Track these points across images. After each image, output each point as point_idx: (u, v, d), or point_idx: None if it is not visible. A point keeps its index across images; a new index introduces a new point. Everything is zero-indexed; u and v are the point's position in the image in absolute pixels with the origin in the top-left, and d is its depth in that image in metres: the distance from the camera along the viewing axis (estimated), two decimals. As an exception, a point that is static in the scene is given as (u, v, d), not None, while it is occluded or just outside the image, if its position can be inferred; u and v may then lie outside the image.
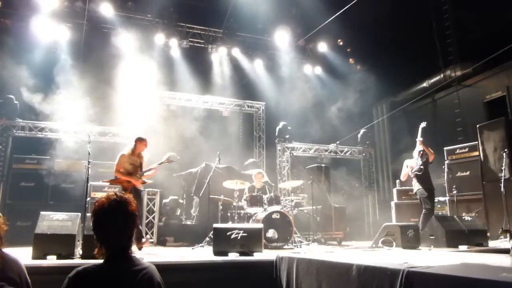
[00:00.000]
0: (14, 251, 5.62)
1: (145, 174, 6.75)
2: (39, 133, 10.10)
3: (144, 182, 6.75)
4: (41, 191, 9.59)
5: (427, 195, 7.27)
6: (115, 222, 2.01)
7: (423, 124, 7.57)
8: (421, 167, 7.36)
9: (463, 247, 6.06)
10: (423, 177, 7.38)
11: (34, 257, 4.69)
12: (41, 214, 5.19)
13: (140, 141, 6.78)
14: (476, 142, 9.05)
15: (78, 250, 5.00)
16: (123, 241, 2.04)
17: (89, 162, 6.26)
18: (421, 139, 7.43)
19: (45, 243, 4.80)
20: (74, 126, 10.19)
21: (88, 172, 6.17)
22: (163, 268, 4.28)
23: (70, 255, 4.82)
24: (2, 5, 10.03)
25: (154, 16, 11.52)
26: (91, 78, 10.18)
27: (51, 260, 4.56)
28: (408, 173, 7.64)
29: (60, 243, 4.85)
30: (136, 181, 6.55)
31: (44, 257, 4.64)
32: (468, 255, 4.59)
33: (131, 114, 10.30)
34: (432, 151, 7.44)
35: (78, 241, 5.06)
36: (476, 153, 9.04)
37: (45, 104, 9.75)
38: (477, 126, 9.08)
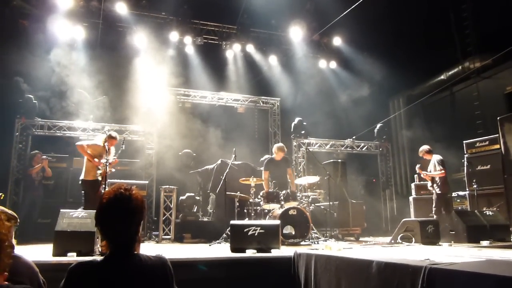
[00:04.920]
0: (35, 248, 5.69)
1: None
2: (57, 131, 10.25)
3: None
4: (60, 189, 9.78)
5: None
6: (115, 218, 1.92)
7: None
8: None
9: (484, 243, 5.93)
10: None
11: (55, 254, 4.77)
12: (61, 211, 5.26)
13: (110, 138, 6.87)
14: (497, 135, 8.82)
15: (98, 247, 5.05)
16: (124, 239, 1.94)
17: (107, 159, 6.32)
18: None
19: (66, 240, 4.87)
20: (91, 124, 10.33)
21: (106, 169, 6.23)
22: (180, 264, 4.32)
23: (90, 252, 4.87)
24: (19, 6, 10.19)
25: (168, 13, 11.54)
26: (107, 76, 10.30)
27: (72, 257, 4.62)
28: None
29: (80, 240, 4.91)
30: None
31: (64, 254, 4.70)
32: (492, 251, 4.49)
33: (147, 111, 10.41)
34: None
35: (97, 238, 5.11)
36: (497, 146, 8.81)
37: (63, 103, 9.90)
38: (498, 118, 8.83)
